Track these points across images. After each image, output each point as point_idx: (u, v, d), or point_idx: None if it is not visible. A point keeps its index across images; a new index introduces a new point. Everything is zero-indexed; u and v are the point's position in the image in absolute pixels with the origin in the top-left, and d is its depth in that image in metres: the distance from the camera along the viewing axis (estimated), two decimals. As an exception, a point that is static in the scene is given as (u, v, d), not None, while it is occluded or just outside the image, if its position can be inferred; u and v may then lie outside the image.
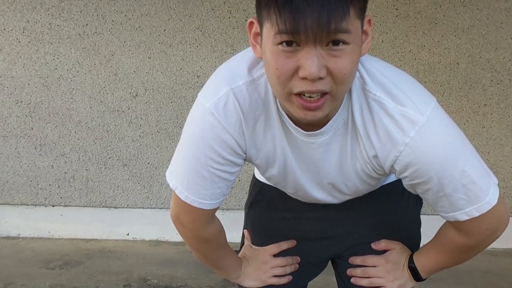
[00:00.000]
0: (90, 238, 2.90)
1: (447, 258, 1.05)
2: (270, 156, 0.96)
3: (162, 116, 2.78)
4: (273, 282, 1.17)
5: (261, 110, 0.91)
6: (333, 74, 0.74)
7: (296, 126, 0.90)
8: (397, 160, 0.85)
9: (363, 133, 0.88)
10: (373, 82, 0.85)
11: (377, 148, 0.87)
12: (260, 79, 0.89)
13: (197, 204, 0.97)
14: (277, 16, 0.71)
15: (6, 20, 2.73)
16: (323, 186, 1.02)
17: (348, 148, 0.92)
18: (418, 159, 0.83)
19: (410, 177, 0.88)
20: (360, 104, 0.86)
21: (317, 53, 0.72)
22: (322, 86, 0.75)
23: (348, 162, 0.94)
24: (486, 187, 0.88)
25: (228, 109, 0.88)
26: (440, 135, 0.84)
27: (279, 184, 1.05)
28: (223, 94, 0.88)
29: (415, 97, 0.84)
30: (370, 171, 0.94)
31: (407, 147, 0.83)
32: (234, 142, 0.91)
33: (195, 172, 0.93)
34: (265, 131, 0.93)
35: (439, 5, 2.61)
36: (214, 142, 0.90)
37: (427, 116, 0.82)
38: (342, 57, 0.73)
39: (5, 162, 2.87)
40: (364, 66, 0.87)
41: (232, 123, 0.89)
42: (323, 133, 0.90)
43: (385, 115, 0.84)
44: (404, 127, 0.83)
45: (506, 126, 2.70)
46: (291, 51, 0.73)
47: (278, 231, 1.20)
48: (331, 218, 1.16)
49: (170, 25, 2.70)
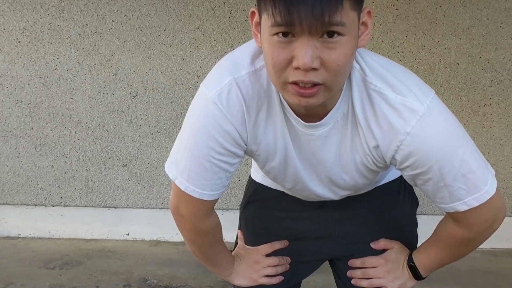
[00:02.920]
0: (90, 238, 2.90)
1: (446, 253, 1.05)
2: (270, 146, 0.96)
3: (162, 116, 2.78)
4: (264, 282, 1.17)
5: (263, 100, 0.91)
6: (326, 65, 0.76)
7: (297, 117, 0.91)
8: (398, 150, 0.86)
9: (364, 124, 0.88)
10: (373, 73, 0.87)
11: (378, 138, 0.88)
12: (262, 69, 0.90)
13: (197, 195, 0.97)
14: (272, 7, 0.73)
15: (6, 20, 2.73)
16: (321, 179, 1.02)
17: (347, 141, 0.93)
18: (419, 148, 0.85)
19: (412, 167, 0.88)
20: (361, 95, 0.87)
21: (311, 44, 0.73)
22: (315, 77, 0.76)
23: (347, 155, 0.94)
24: (484, 177, 0.90)
25: (231, 99, 0.89)
26: (440, 124, 0.85)
27: (279, 177, 1.05)
28: (226, 84, 0.88)
29: (415, 87, 0.86)
30: (369, 164, 0.95)
31: (408, 136, 0.84)
32: (236, 133, 0.91)
33: (196, 162, 0.93)
34: (267, 122, 0.93)
35: (439, 5, 2.61)
36: (216, 132, 0.90)
37: (427, 106, 0.84)
38: (336, 48, 0.75)
39: (5, 162, 2.87)
40: (364, 59, 0.89)
41: (234, 113, 0.89)
42: (322, 125, 0.91)
43: (386, 105, 0.85)
44: (405, 117, 0.84)
45: (506, 126, 2.70)
46: (286, 42, 0.75)
47: (272, 231, 1.20)
48: (327, 218, 1.16)
49: (170, 25, 2.70)
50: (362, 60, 0.88)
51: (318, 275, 1.31)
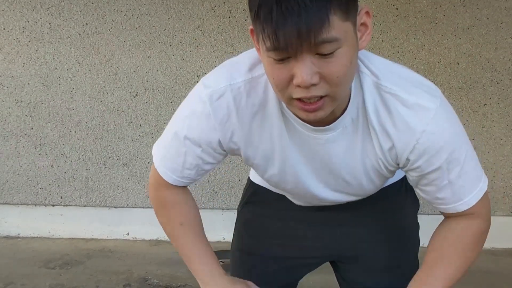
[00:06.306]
0: (90, 238, 2.90)
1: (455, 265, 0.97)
2: (268, 154, 0.97)
3: (162, 115, 2.77)
4: None
5: (257, 108, 0.92)
6: (326, 78, 0.76)
7: (303, 122, 0.91)
8: (414, 149, 0.88)
9: (379, 128, 0.89)
10: (385, 77, 0.88)
11: (395, 139, 0.89)
12: (260, 77, 0.90)
13: (163, 174, 1.01)
14: (262, 32, 0.73)
15: (6, 19, 2.73)
16: (326, 184, 1.02)
17: (357, 146, 0.93)
18: (433, 144, 0.87)
19: (423, 166, 0.90)
20: (374, 100, 0.88)
21: (307, 61, 0.74)
22: (317, 91, 0.77)
23: (357, 160, 0.95)
24: (481, 172, 0.95)
25: (220, 104, 0.91)
26: (450, 120, 0.89)
27: (280, 184, 1.04)
28: (220, 88, 0.91)
29: (425, 87, 0.89)
30: (380, 168, 0.95)
31: (424, 133, 0.86)
32: (214, 135, 0.94)
33: (173, 145, 0.98)
34: (262, 129, 0.94)
35: (439, 4, 2.61)
36: (196, 127, 0.94)
37: (439, 103, 0.87)
38: (334, 62, 0.75)
39: (5, 161, 2.87)
40: (373, 63, 0.90)
41: (219, 117, 0.92)
42: (331, 129, 0.91)
43: (402, 106, 0.87)
44: (421, 116, 0.86)
45: (506, 125, 2.70)
46: (283, 62, 0.76)
47: (271, 229, 1.19)
48: (328, 218, 1.16)
49: (170, 25, 2.69)
50: (371, 64, 0.89)
51: (317, 275, 1.31)
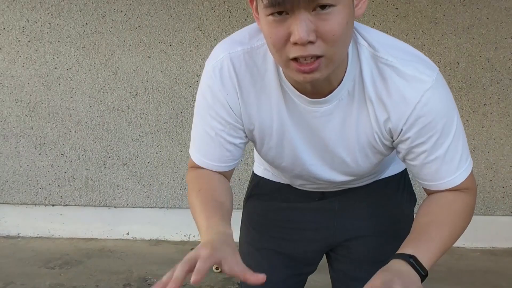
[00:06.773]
0: (90, 238, 2.90)
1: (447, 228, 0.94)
2: (266, 125, 0.98)
3: (162, 115, 2.78)
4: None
5: (256, 78, 0.94)
6: (323, 36, 0.78)
7: (300, 94, 0.93)
8: (408, 118, 0.90)
9: (375, 99, 0.91)
10: (383, 49, 0.90)
11: (390, 110, 0.91)
12: (259, 48, 0.93)
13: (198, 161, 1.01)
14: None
15: (6, 19, 2.73)
16: (322, 159, 1.02)
17: (353, 119, 0.94)
18: (427, 115, 0.89)
19: (413, 137, 0.91)
20: (371, 71, 0.90)
21: (305, 18, 0.76)
22: (314, 50, 0.79)
23: (352, 134, 0.96)
24: (467, 149, 0.96)
25: (223, 73, 0.94)
26: (445, 95, 0.91)
27: (277, 159, 1.05)
28: (220, 58, 0.94)
29: (423, 61, 0.91)
30: (375, 142, 0.96)
31: (419, 104, 0.88)
32: (227, 105, 0.96)
33: (203, 132, 0.99)
34: (261, 100, 0.96)
35: (439, 4, 2.61)
36: (213, 102, 0.95)
37: (435, 77, 0.89)
38: (330, 19, 0.77)
39: (5, 161, 2.87)
40: (371, 35, 0.92)
41: (226, 86, 0.94)
42: (327, 101, 0.92)
43: (398, 77, 0.88)
44: (416, 87, 0.88)
45: (506, 125, 2.70)
46: (281, 20, 0.78)
47: (273, 221, 1.22)
48: (326, 210, 1.18)
49: (170, 25, 2.69)
50: (369, 36, 0.91)
51: (318, 275, 1.32)
